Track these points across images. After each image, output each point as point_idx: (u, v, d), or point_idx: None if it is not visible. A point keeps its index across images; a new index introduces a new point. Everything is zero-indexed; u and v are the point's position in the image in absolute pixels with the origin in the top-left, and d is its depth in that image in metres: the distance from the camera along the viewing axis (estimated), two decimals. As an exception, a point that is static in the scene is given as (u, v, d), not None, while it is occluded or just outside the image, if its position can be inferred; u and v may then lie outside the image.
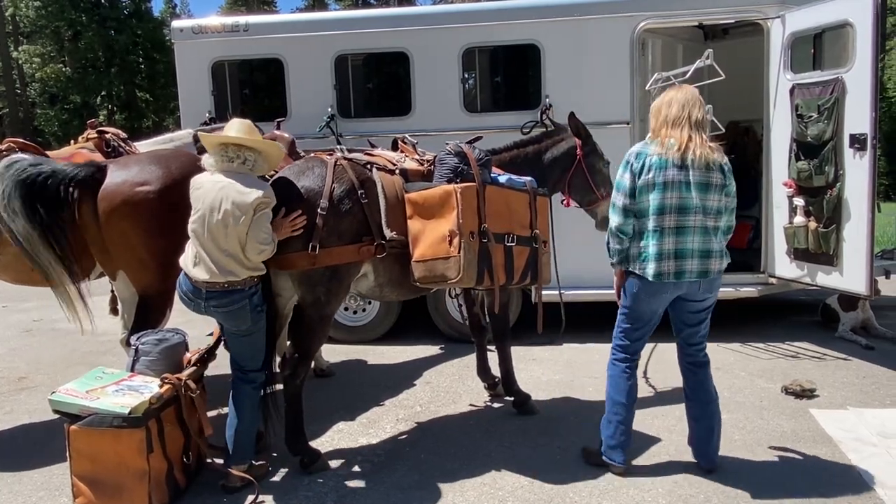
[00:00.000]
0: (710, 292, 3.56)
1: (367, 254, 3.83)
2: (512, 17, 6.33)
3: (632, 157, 3.44)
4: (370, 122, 6.51)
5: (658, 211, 3.38)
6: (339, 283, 3.84)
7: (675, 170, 3.36)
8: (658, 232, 3.39)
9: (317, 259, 3.67)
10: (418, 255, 3.85)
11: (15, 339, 7.23)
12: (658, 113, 3.51)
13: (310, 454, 3.86)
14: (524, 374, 5.22)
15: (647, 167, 3.37)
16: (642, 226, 3.44)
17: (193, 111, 6.56)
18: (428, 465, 3.91)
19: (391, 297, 4.40)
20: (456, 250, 3.68)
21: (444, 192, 3.78)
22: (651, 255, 3.40)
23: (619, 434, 3.66)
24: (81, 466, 3.32)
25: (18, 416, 4.86)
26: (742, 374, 5.31)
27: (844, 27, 5.23)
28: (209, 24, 6.62)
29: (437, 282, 3.86)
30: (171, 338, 3.83)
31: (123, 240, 4.05)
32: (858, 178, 5.17)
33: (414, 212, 3.91)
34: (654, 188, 3.37)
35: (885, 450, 3.89)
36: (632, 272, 3.52)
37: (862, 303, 6.13)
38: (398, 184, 4.02)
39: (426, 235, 3.83)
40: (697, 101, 3.47)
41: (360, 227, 3.82)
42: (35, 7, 29.21)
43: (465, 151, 3.98)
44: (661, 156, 3.37)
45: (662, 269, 3.39)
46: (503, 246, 3.93)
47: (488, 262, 3.82)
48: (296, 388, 3.81)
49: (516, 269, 4.02)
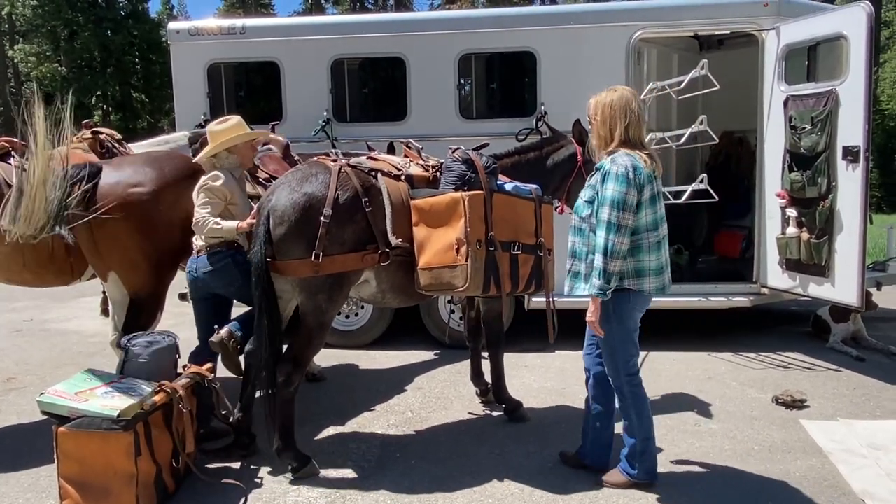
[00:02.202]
0: None
1: (370, 262, 3.80)
2: (508, 24, 6.35)
3: (630, 172, 3.25)
4: (365, 127, 6.50)
5: (654, 225, 3.35)
6: (341, 291, 3.83)
7: (657, 181, 3.36)
8: (657, 246, 3.37)
9: (320, 267, 3.63)
10: (424, 263, 3.82)
11: (4, 340, 7.18)
12: (612, 122, 3.36)
13: (299, 459, 3.82)
14: (516, 381, 5.21)
15: (644, 181, 3.28)
16: (637, 242, 3.33)
17: (188, 113, 6.54)
18: (418, 472, 3.90)
19: (393, 303, 4.36)
20: (463, 259, 3.65)
21: (451, 200, 3.75)
22: (652, 269, 3.36)
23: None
24: (69, 469, 3.30)
25: (6, 417, 4.83)
26: (733, 383, 5.32)
27: (838, 40, 5.26)
28: (206, 26, 6.62)
29: (443, 290, 3.84)
30: (162, 340, 3.82)
31: (116, 241, 4.04)
32: (851, 189, 5.19)
33: (420, 219, 3.88)
34: (650, 202, 3.33)
35: (874, 461, 3.90)
36: (624, 289, 3.37)
37: (853, 314, 6.15)
38: (404, 190, 3.99)
39: (432, 243, 3.79)
40: (637, 101, 3.40)
41: (364, 234, 3.78)
42: (32, 6, 29.10)
43: (473, 159, 3.95)
44: (649, 168, 3.31)
45: (665, 282, 3.40)
46: (509, 254, 3.90)
47: (495, 271, 3.80)
48: (289, 394, 3.78)
49: (521, 278, 4.00)
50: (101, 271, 4.25)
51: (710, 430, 4.42)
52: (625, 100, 3.36)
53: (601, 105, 3.42)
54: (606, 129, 3.39)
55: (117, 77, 30.48)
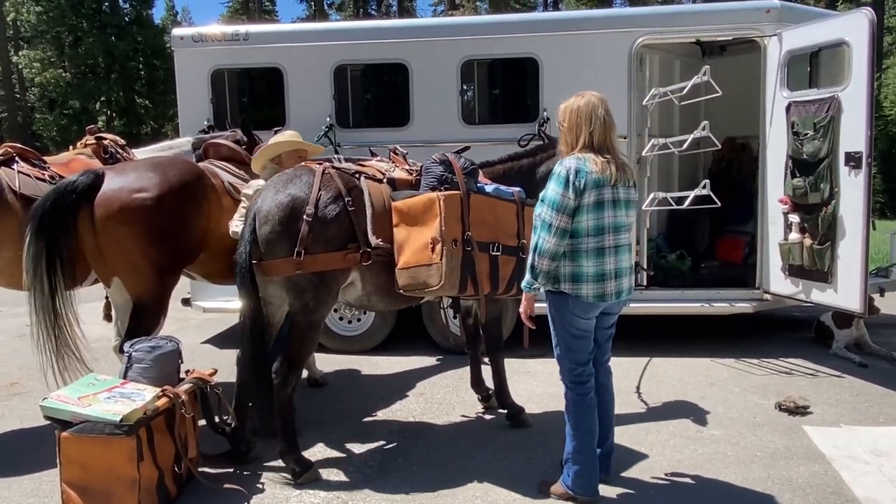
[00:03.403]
0: (624, 305, 3.56)
1: (352, 261, 3.84)
2: (511, 30, 6.37)
3: (571, 175, 3.23)
4: (368, 133, 6.52)
5: (597, 231, 3.28)
6: (328, 290, 3.85)
7: (610, 189, 3.28)
8: (598, 252, 3.29)
9: (302, 265, 3.69)
10: (402, 263, 3.87)
11: (7, 344, 7.20)
12: (578, 127, 3.34)
13: (301, 464, 3.83)
14: (518, 387, 5.21)
15: (587, 186, 3.23)
16: (576, 245, 3.30)
17: (192, 119, 6.56)
18: (420, 477, 3.90)
19: (379, 306, 4.40)
20: (438, 257, 3.70)
21: (427, 200, 3.81)
22: (591, 275, 3.29)
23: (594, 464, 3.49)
24: (71, 473, 3.30)
25: (9, 422, 4.84)
26: (736, 389, 5.31)
27: (840, 46, 5.27)
28: (209, 32, 6.65)
29: (420, 289, 3.86)
30: (165, 345, 3.83)
31: (119, 246, 4.05)
32: (853, 195, 5.19)
33: (399, 220, 3.94)
34: (594, 207, 3.26)
35: (877, 468, 3.89)
36: (561, 292, 3.36)
37: (856, 320, 6.14)
38: (385, 192, 4.06)
39: (410, 243, 3.85)
40: (609, 114, 3.36)
41: (346, 234, 3.83)
42: (36, 12, 29.28)
43: (451, 160, 4.02)
44: (598, 174, 3.24)
45: (606, 290, 3.31)
46: (488, 255, 3.93)
47: (472, 270, 3.84)
48: (286, 395, 3.81)
49: (502, 279, 4.03)
50: (105, 276, 4.26)
51: (713, 437, 4.42)
52: (591, 105, 3.34)
53: (568, 111, 3.40)
54: (573, 135, 3.37)
55: (121, 83, 30.61)
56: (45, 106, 31.23)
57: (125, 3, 31.77)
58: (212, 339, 7.05)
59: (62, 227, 3.97)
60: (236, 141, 5.37)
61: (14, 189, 4.21)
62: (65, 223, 3.97)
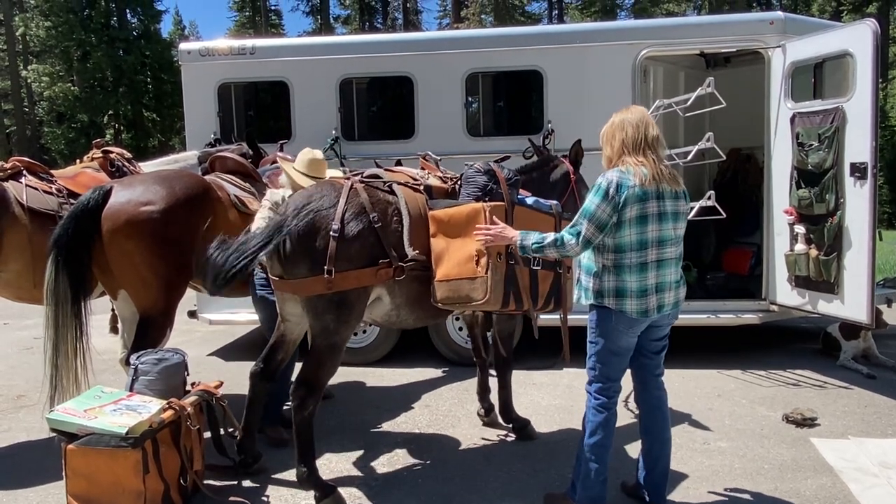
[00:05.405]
0: (676, 318, 3.49)
1: (384, 276, 3.68)
2: (515, 43, 6.41)
3: (612, 189, 3.16)
4: (374, 145, 6.55)
5: (640, 245, 3.21)
6: (350, 311, 3.65)
7: (655, 201, 3.21)
8: (640, 267, 3.22)
9: (333, 283, 3.52)
10: (442, 275, 3.70)
11: (15, 357, 7.23)
12: (613, 138, 3.32)
13: (321, 489, 3.64)
14: (524, 399, 5.20)
15: (628, 200, 3.16)
16: (619, 260, 3.23)
17: (199, 132, 6.62)
18: (425, 490, 3.89)
19: (408, 321, 4.11)
20: (483, 270, 3.54)
21: (472, 210, 3.66)
22: (634, 291, 3.22)
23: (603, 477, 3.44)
24: (77, 486, 3.31)
25: (16, 434, 4.85)
26: (743, 401, 5.28)
27: (844, 57, 5.28)
28: (216, 46, 6.71)
29: (461, 303, 3.70)
30: (171, 357, 3.84)
31: (126, 259, 4.08)
32: (859, 206, 5.18)
33: (438, 230, 3.78)
34: (637, 221, 3.19)
35: (886, 480, 3.86)
36: (604, 307, 3.29)
37: (863, 331, 6.11)
38: (421, 201, 3.92)
39: (451, 254, 3.69)
40: (650, 121, 3.33)
41: (376, 249, 3.66)
42: (45, 27, 29.56)
43: (495, 170, 3.92)
44: (641, 187, 3.18)
45: (649, 306, 3.24)
46: (529, 269, 3.78)
47: (514, 285, 3.68)
48: (304, 419, 3.60)
49: (541, 294, 3.87)
50: (112, 289, 4.28)
51: (720, 449, 4.39)
52: (622, 115, 3.34)
53: (605, 129, 3.40)
54: (610, 147, 3.35)
55: (129, 96, 30.85)
56: (54, 120, 31.49)
57: (133, 18, 32.11)
58: (218, 352, 7.05)
59: (84, 250, 4.01)
60: (242, 154, 5.41)
61: (22, 202, 4.24)
62: (85, 244, 4.01)
